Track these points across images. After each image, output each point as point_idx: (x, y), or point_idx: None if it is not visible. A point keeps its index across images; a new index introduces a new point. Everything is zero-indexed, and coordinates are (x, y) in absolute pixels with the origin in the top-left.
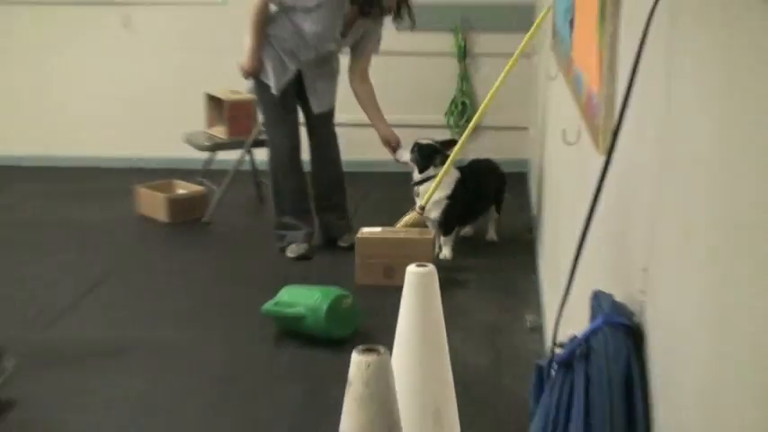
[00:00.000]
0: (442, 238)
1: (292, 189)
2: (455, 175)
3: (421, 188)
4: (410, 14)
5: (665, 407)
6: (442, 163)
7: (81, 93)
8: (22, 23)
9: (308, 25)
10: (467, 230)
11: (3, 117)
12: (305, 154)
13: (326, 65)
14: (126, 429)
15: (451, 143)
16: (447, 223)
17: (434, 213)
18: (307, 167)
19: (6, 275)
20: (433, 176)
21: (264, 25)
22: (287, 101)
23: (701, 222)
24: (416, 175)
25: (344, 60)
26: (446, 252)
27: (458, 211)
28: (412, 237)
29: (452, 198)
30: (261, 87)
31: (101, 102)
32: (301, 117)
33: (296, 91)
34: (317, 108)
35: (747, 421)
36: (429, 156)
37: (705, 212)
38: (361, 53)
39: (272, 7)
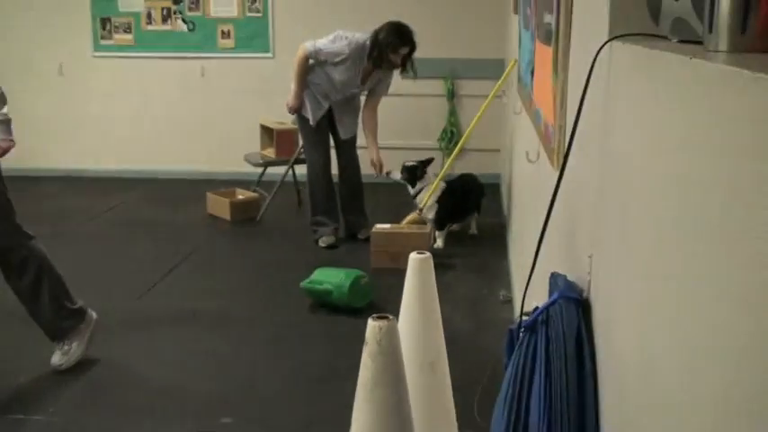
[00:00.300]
0: (436, 232)
1: (324, 195)
2: (444, 186)
3: (418, 197)
4: (413, 67)
5: (606, 358)
6: (422, 175)
7: (169, 123)
8: (129, 71)
9: (337, 75)
10: (454, 227)
11: (112, 140)
12: (334, 169)
13: (350, 103)
14: (193, 379)
15: (430, 161)
16: (440, 221)
17: (431, 214)
18: (335, 179)
19: (109, 259)
20: (424, 188)
21: (305, 75)
22: (321, 130)
23: (631, 220)
24: (412, 191)
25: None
26: (439, 243)
27: (448, 212)
28: (413, 231)
29: (443, 202)
30: (302, 120)
31: (183, 129)
32: (331, 141)
33: (327, 122)
34: (343, 135)
35: (666, 363)
36: (412, 173)
37: (635, 213)
38: (374, 95)
39: (311, 61)
